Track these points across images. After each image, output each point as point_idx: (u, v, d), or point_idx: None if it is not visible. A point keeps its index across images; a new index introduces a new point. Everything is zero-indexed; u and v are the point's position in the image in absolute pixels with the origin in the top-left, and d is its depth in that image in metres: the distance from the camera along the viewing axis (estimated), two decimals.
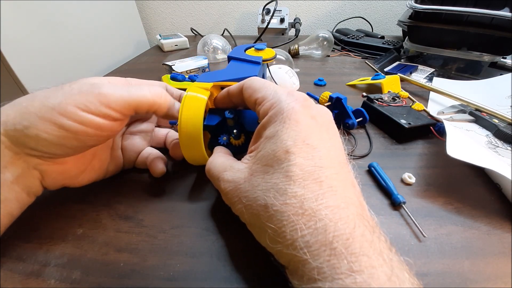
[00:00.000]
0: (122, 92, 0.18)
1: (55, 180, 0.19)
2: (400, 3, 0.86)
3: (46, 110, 0.16)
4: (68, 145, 0.17)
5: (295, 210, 0.13)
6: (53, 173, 0.18)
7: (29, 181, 0.17)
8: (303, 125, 0.15)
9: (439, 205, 0.22)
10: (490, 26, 0.44)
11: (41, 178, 0.18)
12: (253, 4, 0.89)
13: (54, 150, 0.17)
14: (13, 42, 0.41)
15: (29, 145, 0.16)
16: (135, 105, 0.19)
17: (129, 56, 0.69)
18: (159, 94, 0.20)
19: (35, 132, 0.16)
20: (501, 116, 0.31)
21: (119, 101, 0.18)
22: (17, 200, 0.17)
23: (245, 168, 0.17)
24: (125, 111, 0.19)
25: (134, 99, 0.19)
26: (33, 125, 0.16)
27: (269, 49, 0.31)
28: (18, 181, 0.17)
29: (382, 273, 0.11)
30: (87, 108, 0.17)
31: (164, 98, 0.21)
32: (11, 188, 0.16)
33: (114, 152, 0.24)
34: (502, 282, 0.17)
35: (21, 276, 0.17)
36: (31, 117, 0.16)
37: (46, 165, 0.18)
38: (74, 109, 0.16)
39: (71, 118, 0.16)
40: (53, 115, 0.16)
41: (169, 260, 0.18)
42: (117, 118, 0.18)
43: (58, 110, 0.16)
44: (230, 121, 0.23)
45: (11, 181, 0.16)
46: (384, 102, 0.35)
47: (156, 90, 0.20)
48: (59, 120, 0.16)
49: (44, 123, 0.16)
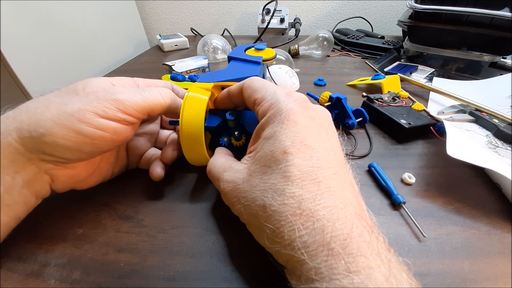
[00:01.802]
0: (136, 97, 0.19)
1: (65, 183, 0.19)
2: (400, 3, 0.86)
3: (65, 117, 0.16)
4: (85, 151, 0.17)
5: (293, 211, 0.13)
6: (63, 177, 0.19)
7: (39, 185, 0.18)
8: (301, 126, 0.15)
9: (439, 205, 0.22)
10: (490, 26, 0.44)
11: (51, 182, 0.18)
12: (253, 4, 0.89)
13: (70, 156, 0.17)
14: (13, 42, 0.41)
15: (45, 151, 0.16)
16: (149, 109, 0.20)
17: (129, 56, 0.69)
18: (169, 96, 0.21)
19: (53, 139, 0.16)
20: (501, 116, 0.31)
21: (134, 106, 0.19)
22: (25, 204, 0.17)
23: (244, 169, 0.17)
24: (139, 115, 0.19)
25: (149, 104, 0.19)
26: (50, 132, 0.16)
27: (269, 49, 0.31)
28: (28, 185, 0.17)
29: (380, 274, 0.11)
30: (105, 114, 0.17)
31: (174, 99, 0.22)
32: (20, 192, 0.17)
33: (120, 154, 0.24)
34: (502, 282, 0.17)
35: (21, 276, 0.17)
36: (48, 124, 0.16)
37: (57, 169, 0.18)
38: (92, 115, 0.17)
39: (90, 124, 0.17)
40: (72, 122, 0.16)
41: (169, 260, 0.18)
42: (132, 122, 0.19)
43: (77, 116, 0.16)
44: (231, 122, 0.23)
45: (21, 185, 0.16)
46: (384, 102, 0.35)
47: (166, 92, 0.21)
48: (78, 126, 0.16)
49: (62, 129, 0.16)
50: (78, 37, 0.56)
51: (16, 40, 0.42)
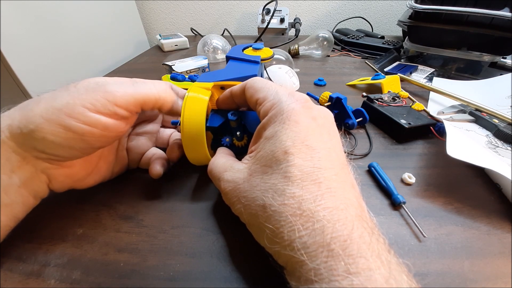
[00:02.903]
0: (127, 89, 0.18)
1: (62, 183, 0.19)
2: (400, 3, 0.86)
3: (53, 112, 0.16)
4: (76, 147, 0.17)
5: (293, 211, 0.13)
6: (61, 176, 0.19)
7: (36, 185, 0.17)
8: (302, 126, 0.15)
9: (439, 205, 0.22)
10: (490, 26, 0.44)
11: (49, 182, 0.18)
12: (253, 4, 0.89)
13: (61, 153, 0.17)
14: (13, 42, 0.41)
15: (37, 148, 0.16)
16: (141, 100, 0.19)
17: (129, 56, 0.69)
18: (164, 89, 0.21)
19: (42, 135, 0.16)
20: (501, 116, 0.31)
21: (125, 97, 0.18)
22: (23, 204, 0.17)
23: (245, 168, 0.17)
24: (131, 108, 0.19)
25: (141, 95, 0.19)
26: (39, 128, 0.16)
27: (266, 48, 0.31)
28: (26, 185, 0.17)
29: (380, 276, 0.11)
30: (95, 107, 0.17)
31: (169, 93, 0.21)
32: (18, 192, 0.16)
33: (120, 153, 0.24)
34: (502, 282, 0.17)
35: (21, 276, 0.17)
36: (37, 119, 0.16)
37: (53, 168, 0.18)
38: (81, 109, 0.16)
39: (78, 119, 0.16)
40: (60, 117, 0.16)
41: (169, 260, 0.18)
42: (124, 116, 0.19)
43: (65, 111, 0.16)
44: (233, 122, 0.23)
45: (18, 185, 0.16)
46: (384, 102, 0.35)
47: (161, 85, 0.21)
48: (66, 121, 0.16)
49: (51, 125, 0.16)
50: (78, 37, 0.56)
51: (16, 40, 0.42)
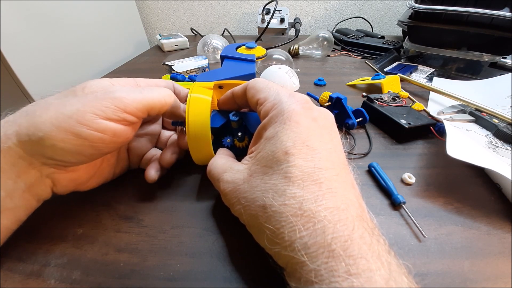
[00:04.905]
0: (135, 95, 0.19)
1: (66, 187, 0.19)
2: (400, 3, 0.86)
3: (63, 119, 0.16)
4: (85, 154, 0.17)
5: (293, 211, 0.13)
6: (65, 180, 0.19)
7: (40, 189, 0.17)
8: (303, 127, 0.15)
9: (439, 205, 0.22)
10: (490, 26, 0.44)
11: (53, 186, 0.18)
12: (253, 4, 0.89)
13: (70, 159, 0.17)
14: (13, 42, 0.41)
15: (45, 155, 0.16)
16: (149, 106, 0.19)
17: (129, 56, 0.69)
18: (169, 95, 0.21)
19: (52, 142, 0.16)
20: (501, 116, 0.31)
21: (134, 104, 0.18)
22: (26, 207, 0.17)
23: (245, 169, 0.17)
24: (140, 114, 0.19)
25: (148, 101, 0.19)
26: (48, 135, 0.15)
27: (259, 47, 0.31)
28: (30, 189, 0.17)
29: (380, 277, 0.11)
30: (105, 113, 0.17)
31: (174, 98, 0.21)
32: (22, 196, 0.16)
33: (121, 155, 0.24)
34: (502, 282, 0.17)
35: (21, 276, 0.17)
36: (46, 127, 0.15)
37: (58, 173, 0.18)
38: (92, 116, 0.16)
39: (89, 126, 0.16)
40: (71, 124, 0.16)
41: (169, 260, 0.18)
42: (132, 121, 0.19)
43: (76, 118, 0.16)
44: (235, 123, 0.23)
45: (23, 189, 0.16)
46: (384, 102, 0.35)
47: (166, 91, 0.21)
48: (77, 128, 0.16)
49: (61, 132, 0.16)
50: (79, 37, 0.56)
51: (16, 40, 0.42)
